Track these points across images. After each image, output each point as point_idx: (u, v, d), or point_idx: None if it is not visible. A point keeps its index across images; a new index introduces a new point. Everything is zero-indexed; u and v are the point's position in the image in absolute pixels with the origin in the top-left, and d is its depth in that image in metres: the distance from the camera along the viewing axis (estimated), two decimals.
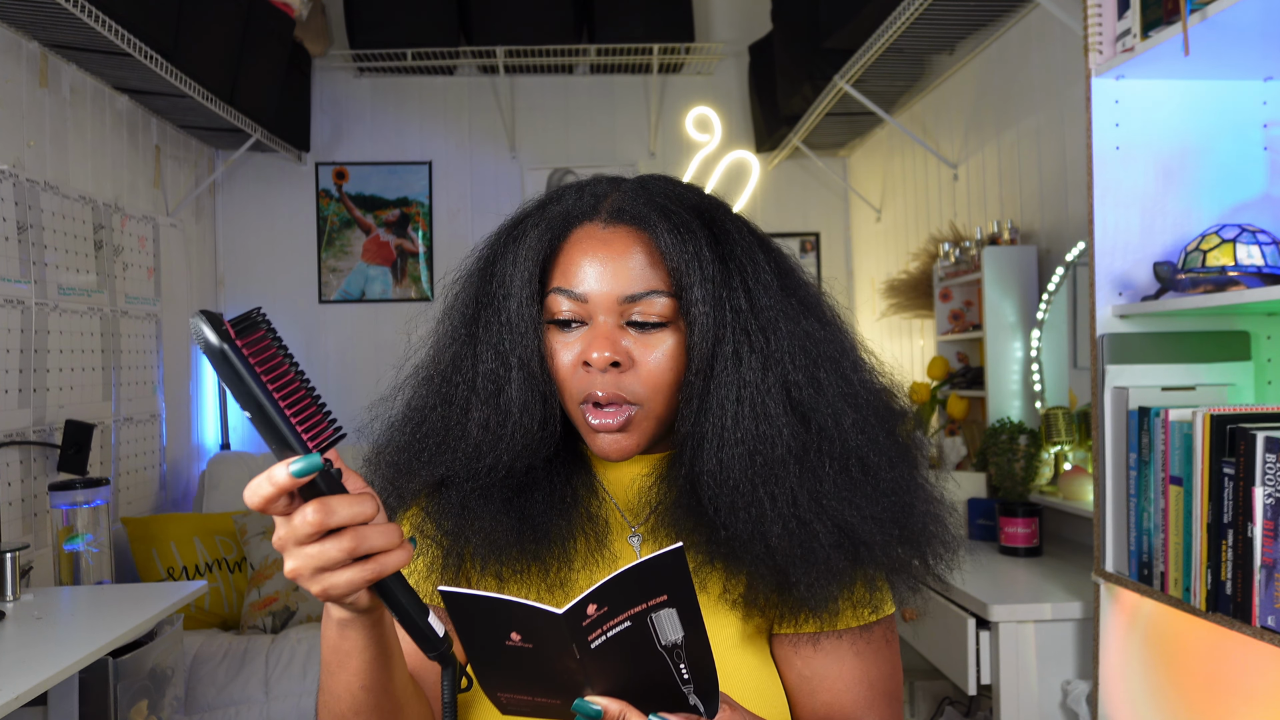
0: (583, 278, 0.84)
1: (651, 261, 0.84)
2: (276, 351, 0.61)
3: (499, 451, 0.84)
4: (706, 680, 0.68)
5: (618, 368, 0.83)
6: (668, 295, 0.84)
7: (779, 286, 0.87)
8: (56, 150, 2.78)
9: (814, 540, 0.80)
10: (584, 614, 0.63)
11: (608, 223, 0.86)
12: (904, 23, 2.65)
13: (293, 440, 0.61)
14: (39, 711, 1.91)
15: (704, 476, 0.82)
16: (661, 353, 0.84)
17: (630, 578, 0.63)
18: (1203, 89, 1.69)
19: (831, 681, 0.88)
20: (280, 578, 2.99)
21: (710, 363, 0.83)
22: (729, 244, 0.86)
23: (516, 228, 0.89)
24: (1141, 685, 1.67)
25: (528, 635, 0.65)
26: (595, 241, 0.85)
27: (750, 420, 0.82)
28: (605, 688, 0.67)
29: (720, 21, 4.22)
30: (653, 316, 0.84)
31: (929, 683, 2.58)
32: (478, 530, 0.84)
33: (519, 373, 0.84)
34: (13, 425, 2.51)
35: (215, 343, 0.58)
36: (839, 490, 0.82)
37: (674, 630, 0.65)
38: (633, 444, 0.85)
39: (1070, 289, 2.51)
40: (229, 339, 0.59)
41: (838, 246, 4.39)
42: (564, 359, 0.85)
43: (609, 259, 0.84)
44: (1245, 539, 1.34)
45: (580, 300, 0.84)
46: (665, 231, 0.83)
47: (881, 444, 0.86)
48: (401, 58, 3.92)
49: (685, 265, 0.82)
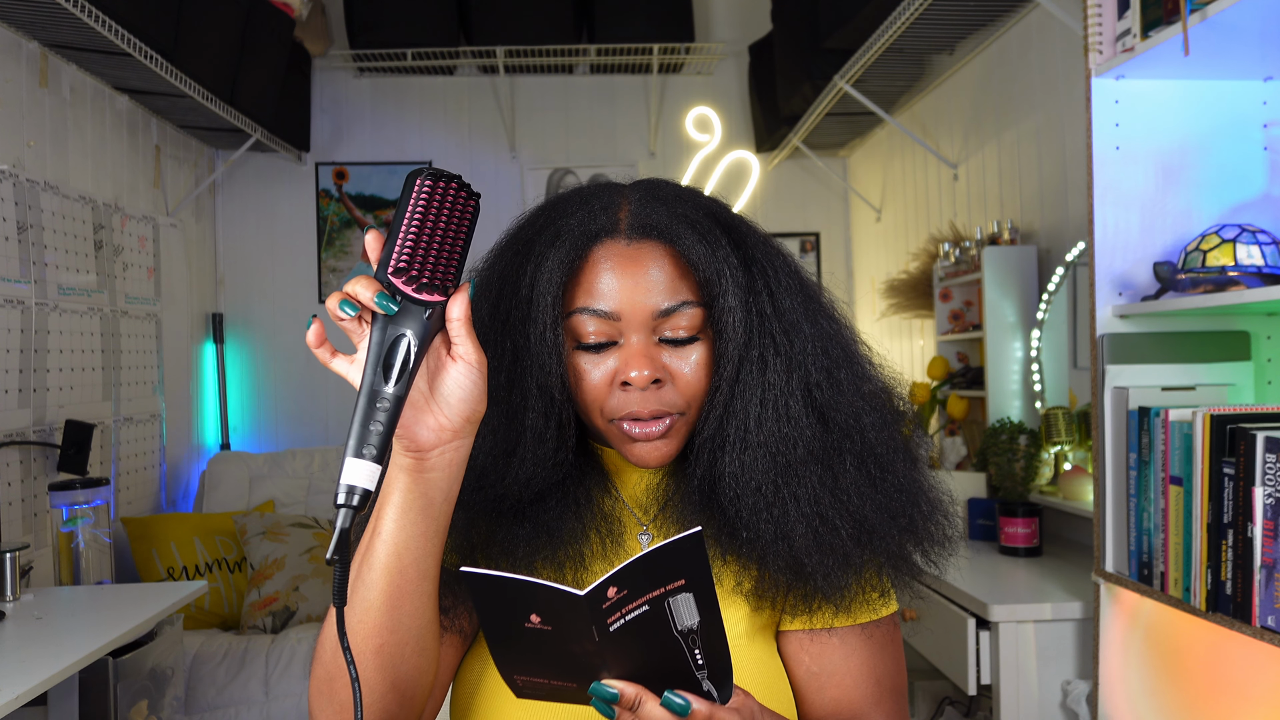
0: (611, 296, 0.82)
1: (680, 273, 0.83)
2: (429, 199, 0.68)
3: (506, 482, 0.83)
4: (721, 666, 0.69)
5: (658, 385, 0.83)
6: (698, 305, 0.83)
7: (797, 286, 0.87)
8: (56, 150, 2.78)
9: (835, 536, 0.82)
10: (604, 596, 0.63)
11: (631, 238, 0.84)
12: (904, 23, 2.65)
13: (377, 269, 0.68)
14: (39, 711, 1.91)
15: (725, 479, 0.82)
16: (695, 363, 0.84)
17: (650, 561, 0.64)
18: (1202, 89, 1.69)
19: (840, 677, 0.88)
20: (280, 578, 2.99)
21: (737, 369, 0.83)
22: (749, 248, 0.86)
23: (525, 246, 0.86)
24: (1141, 685, 1.67)
25: (548, 617, 0.65)
26: (621, 259, 0.83)
27: (773, 422, 0.82)
28: (621, 672, 0.68)
29: (720, 21, 4.22)
30: (683, 331, 0.83)
31: (929, 683, 2.58)
32: (493, 541, 0.84)
33: (537, 399, 0.83)
34: (13, 425, 2.51)
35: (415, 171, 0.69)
36: (858, 487, 0.83)
37: (690, 615, 0.66)
38: (673, 449, 0.85)
39: (1070, 289, 2.51)
40: (420, 174, 0.68)
41: (838, 246, 4.39)
42: (593, 378, 0.83)
43: (638, 275, 0.82)
44: (1245, 539, 1.34)
45: (611, 319, 0.82)
46: (693, 243, 0.82)
47: (895, 440, 0.87)
48: (401, 58, 3.92)
49: (715, 275, 0.82)
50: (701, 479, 0.85)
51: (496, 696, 0.85)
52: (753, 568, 0.84)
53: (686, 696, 0.68)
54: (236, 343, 4.04)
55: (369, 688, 0.75)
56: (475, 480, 0.84)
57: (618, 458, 0.92)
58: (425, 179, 0.68)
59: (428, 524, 0.74)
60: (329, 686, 0.76)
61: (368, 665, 0.75)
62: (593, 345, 0.83)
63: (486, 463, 0.84)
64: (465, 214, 0.69)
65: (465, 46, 3.92)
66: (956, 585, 2.03)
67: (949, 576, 2.09)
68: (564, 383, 0.83)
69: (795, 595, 0.84)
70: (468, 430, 0.73)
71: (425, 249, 0.68)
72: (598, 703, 0.68)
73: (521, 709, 0.84)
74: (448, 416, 0.72)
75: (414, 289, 0.68)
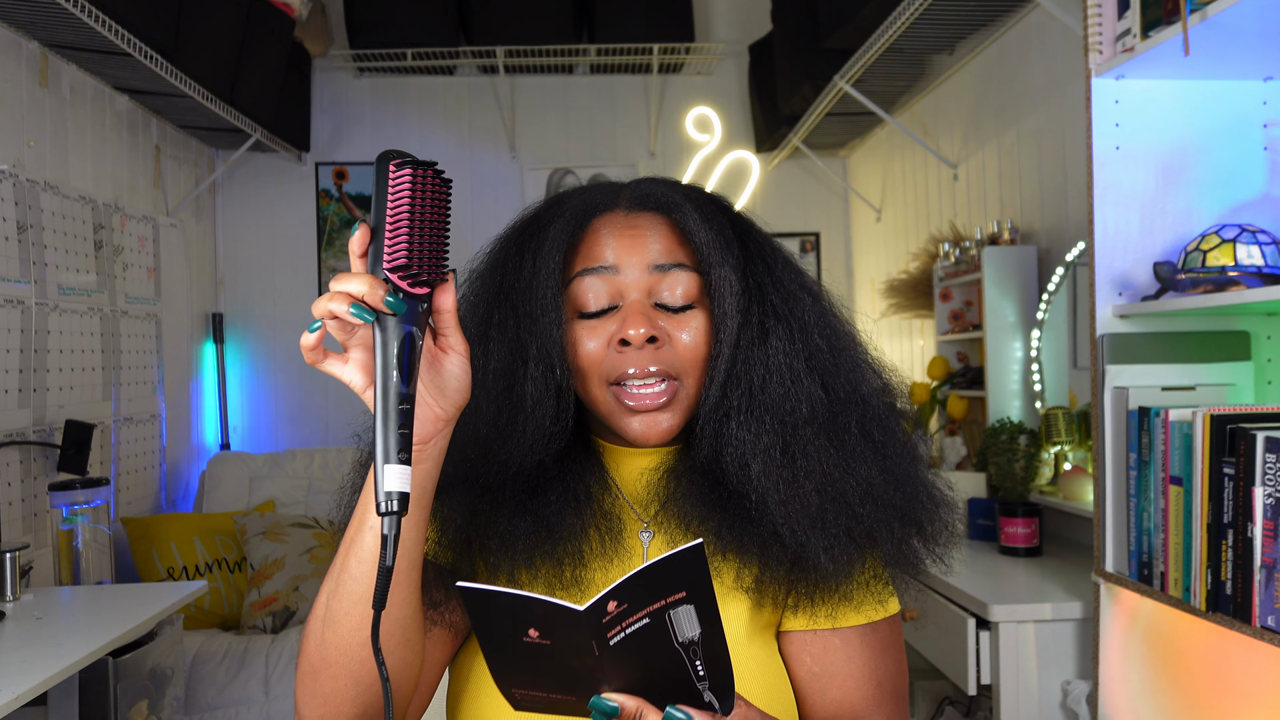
0: (609, 255, 0.85)
1: (678, 241, 0.86)
2: (411, 190, 0.67)
3: (509, 449, 0.84)
4: (722, 677, 0.68)
5: (654, 343, 0.84)
6: (694, 271, 0.85)
7: (795, 271, 0.91)
8: (56, 150, 2.78)
9: (841, 500, 0.82)
10: (604, 611, 0.63)
11: (630, 209, 0.88)
12: (904, 23, 2.65)
13: (373, 267, 0.68)
14: (39, 711, 1.91)
15: (731, 446, 0.83)
16: (694, 329, 0.85)
17: (651, 574, 0.63)
18: (1203, 89, 1.69)
19: (842, 679, 0.88)
20: (280, 578, 2.99)
21: (737, 337, 0.84)
22: (744, 226, 0.89)
23: (530, 225, 0.89)
24: (1141, 685, 1.67)
25: (546, 632, 0.65)
26: (620, 225, 0.86)
27: (778, 385, 0.84)
28: (621, 685, 0.67)
29: (720, 21, 4.22)
30: (680, 297, 0.85)
31: (929, 683, 2.58)
32: (493, 534, 0.84)
33: (536, 366, 0.84)
34: (13, 425, 2.51)
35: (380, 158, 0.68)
36: (862, 451, 0.84)
37: (691, 627, 0.65)
38: (674, 424, 0.86)
39: (1070, 289, 2.51)
40: (388, 161, 0.68)
41: (838, 246, 4.39)
42: (590, 344, 0.85)
43: (635, 237, 0.86)
44: (1245, 539, 1.34)
45: (610, 272, 0.85)
46: (689, 213, 0.85)
47: (895, 415, 0.89)
48: (401, 58, 3.92)
49: (711, 242, 0.84)
50: (707, 454, 0.85)
51: (492, 694, 0.85)
52: (754, 563, 0.84)
53: (688, 710, 0.67)
54: (236, 343, 4.04)
55: (354, 680, 0.75)
56: (479, 450, 0.84)
57: (619, 454, 0.92)
58: (405, 168, 0.67)
59: (418, 513, 0.74)
60: (314, 679, 0.76)
61: (353, 658, 0.75)
62: (593, 313, 0.85)
63: (489, 434, 0.84)
64: (446, 203, 0.69)
65: (465, 46, 3.92)
66: (956, 585, 2.03)
67: (949, 576, 2.09)
68: (563, 350, 0.84)
69: (798, 589, 0.84)
70: (456, 417, 0.74)
71: (420, 243, 0.67)
72: (598, 716, 0.67)
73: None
74: (443, 407, 0.73)
75: (410, 284, 0.68)
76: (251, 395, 4.07)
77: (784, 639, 0.90)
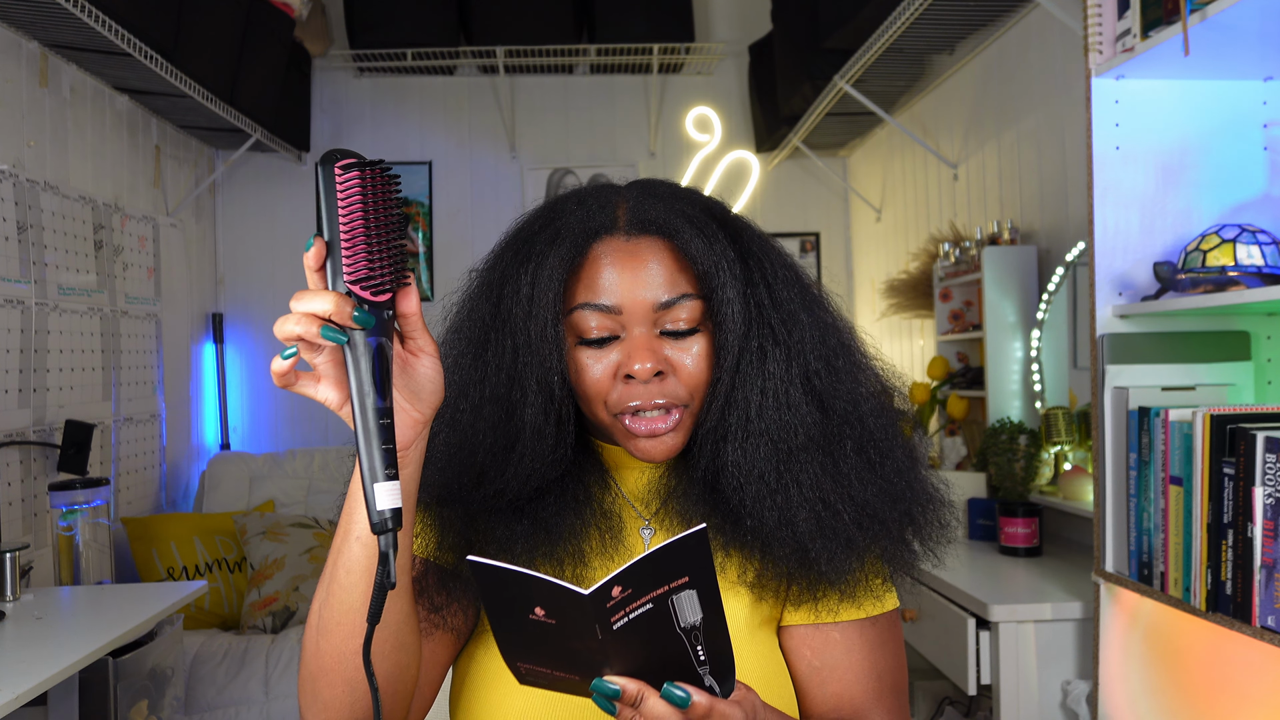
0: (612, 291, 0.83)
1: (680, 267, 0.85)
2: (362, 195, 0.65)
3: (506, 478, 0.83)
4: (723, 661, 0.69)
5: (660, 377, 0.84)
6: (697, 298, 0.84)
7: (794, 279, 0.89)
8: (56, 150, 2.78)
9: (837, 520, 0.83)
10: (609, 596, 0.64)
11: (630, 234, 0.85)
12: (904, 23, 2.65)
13: (334, 282, 0.66)
14: (39, 711, 1.91)
15: (728, 468, 0.84)
16: (697, 354, 0.85)
17: (655, 560, 0.64)
18: (1202, 89, 1.69)
19: (842, 672, 0.89)
20: (280, 578, 2.99)
21: (737, 359, 0.84)
22: (745, 242, 0.87)
23: (525, 246, 0.87)
24: (1141, 685, 1.67)
25: (551, 612, 0.65)
26: (620, 254, 0.84)
27: (774, 410, 0.83)
28: (623, 668, 0.68)
29: (720, 21, 4.22)
30: (684, 323, 0.84)
31: (929, 683, 2.58)
32: (491, 540, 0.84)
33: (536, 395, 0.83)
34: (13, 425, 2.51)
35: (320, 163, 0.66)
36: (859, 472, 0.85)
37: (693, 612, 0.66)
38: (678, 443, 0.86)
39: (1070, 289, 2.51)
40: (333, 164, 0.65)
41: (838, 246, 4.39)
42: (595, 373, 0.84)
43: (637, 269, 0.84)
44: (1245, 539, 1.34)
45: (613, 313, 0.83)
46: (690, 236, 0.83)
47: (894, 428, 0.88)
48: (401, 58, 3.92)
49: (713, 267, 0.83)
50: (705, 470, 0.86)
51: (494, 691, 0.85)
52: (755, 559, 0.85)
53: (687, 689, 0.68)
54: (236, 343, 4.04)
55: (351, 688, 0.76)
56: (475, 477, 0.84)
57: (618, 454, 0.92)
58: (351, 171, 0.65)
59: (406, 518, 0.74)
60: (312, 686, 0.77)
61: (348, 665, 0.75)
62: (595, 340, 0.84)
63: (486, 460, 0.84)
64: (395, 201, 0.67)
65: (465, 46, 3.92)
66: (956, 585, 2.03)
67: (949, 576, 2.09)
68: (564, 378, 0.84)
69: (799, 586, 0.85)
70: (432, 417, 0.74)
71: (377, 249, 0.66)
72: (599, 698, 0.68)
73: (518, 702, 0.84)
74: (420, 410, 0.72)
75: (372, 293, 0.67)
76: (251, 395, 4.07)
77: (784, 634, 0.91)
